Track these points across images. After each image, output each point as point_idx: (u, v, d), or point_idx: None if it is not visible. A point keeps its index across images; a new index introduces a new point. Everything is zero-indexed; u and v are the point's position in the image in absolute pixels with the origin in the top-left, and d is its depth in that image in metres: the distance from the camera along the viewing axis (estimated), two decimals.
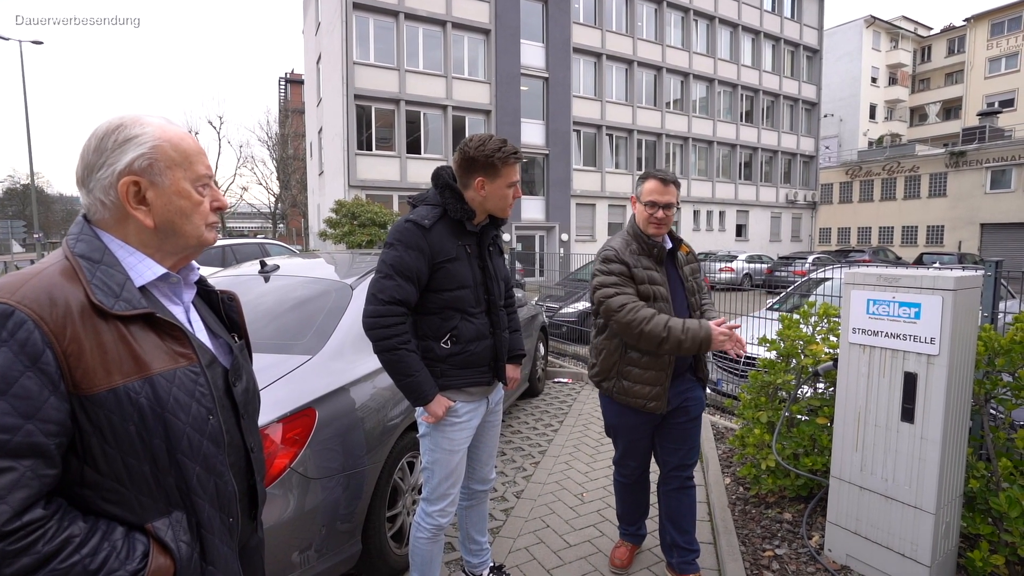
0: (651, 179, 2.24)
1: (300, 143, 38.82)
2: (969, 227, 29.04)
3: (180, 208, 0.96)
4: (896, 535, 2.32)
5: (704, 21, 27.37)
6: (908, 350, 2.26)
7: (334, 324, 2.58)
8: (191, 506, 0.94)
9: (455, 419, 2.03)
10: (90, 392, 0.83)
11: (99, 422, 0.84)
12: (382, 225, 13.94)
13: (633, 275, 2.22)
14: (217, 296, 1.15)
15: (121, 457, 0.86)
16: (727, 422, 4.53)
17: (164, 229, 0.96)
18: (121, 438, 0.86)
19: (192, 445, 0.93)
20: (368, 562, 2.39)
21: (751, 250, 26.56)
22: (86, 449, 0.84)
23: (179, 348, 0.94)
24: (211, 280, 3.34)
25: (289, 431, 2.02)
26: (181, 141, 0.97)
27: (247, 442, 1.09)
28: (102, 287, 0.87)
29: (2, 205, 47.95)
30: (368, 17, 19.05)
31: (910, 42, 42.49)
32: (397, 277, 1.88)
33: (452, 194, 1.97)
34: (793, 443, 3.00)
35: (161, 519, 0.90)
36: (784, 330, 3.18)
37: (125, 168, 0.91)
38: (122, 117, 0.95)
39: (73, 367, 0.82)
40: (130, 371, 0.86)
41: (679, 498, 2.44)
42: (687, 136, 26.99)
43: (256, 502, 1.14)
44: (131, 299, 0.90)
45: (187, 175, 0.97)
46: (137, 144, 0.92)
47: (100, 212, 0.93)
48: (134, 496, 0.88)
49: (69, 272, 0.87)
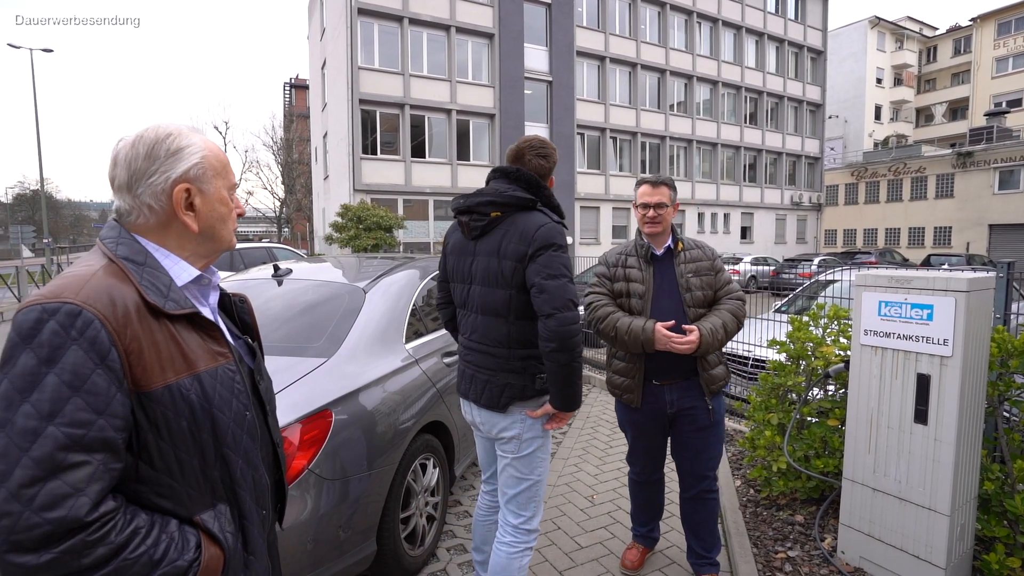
0: (642, 184, 2.36)
1: (305, 148, 39.00)
2: (977, 228, 28.86)
3: (220, 214, 1.03)
4: (910, 537, 2.31)
5: (708, 23, 27.36)
6: (921, 351, 2.26)
7: (348, 327, 2.60)
8: (235, 498, 0.98)
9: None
10: (148, 388, 0.86)
11: (155, 418, 0.87)
12: (387, 229, 13.99)
13: (612, 275, 2.41)
14: (230, 299, 1.18)
15: (174, 452, 0.90)
16: (737, 424, 4.52)
17: (206, 234, 1.01)
18: (175, 433, 0.89)
19: (235, 439, 0.98)
20: (382, 563, 2.40)
21: (756, 252, 26.47)
22: (142, 445, 0.87)
23: (217, 347, 0.99)
24: (224, 284, 3.39)
25: (307, 433, 2.05)
26: (220, 152, 1.04)
27: (274, 437, 1.13)
28: (151, 288, 0.91)
29: (12, 211, 48.37)
30: (372, 22, 19.15)
31: (915, 42, 42.34)
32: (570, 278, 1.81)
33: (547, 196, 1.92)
34: (804, 445, 3.00)
35: (207, 511, 0.94)
36: (794, 332, 3.18)
37: (181, 176, 0.96)
38: (167, 127, 0.99)
39: (133, 364, 0.85)
40: (181, 368, 0.91)
41: (694, 507, 2.46)
42: (691, 139, 26.96)
43: (283, 496, 1.19)
44: (179, 299, 0.94)
45: (225, 183, 1.04)
46: (190, 154, 0.97)
47: (144, 217, 0.96)
48: (184, 490, 0.92)
49: (119, 274, 0.90)
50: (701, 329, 2.19)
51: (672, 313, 2.27)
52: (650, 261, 2.35)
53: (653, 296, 2.31)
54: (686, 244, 2.39)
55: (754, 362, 4.80)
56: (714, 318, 2.25)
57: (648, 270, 2.34)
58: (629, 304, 2.33)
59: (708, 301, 2.33)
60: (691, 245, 2.40)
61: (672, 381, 2.33)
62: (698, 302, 2.30)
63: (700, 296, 2.31)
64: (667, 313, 2.27)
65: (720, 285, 2.36)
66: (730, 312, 2.28)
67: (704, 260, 2.37)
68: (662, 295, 2.31)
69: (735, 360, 5.03)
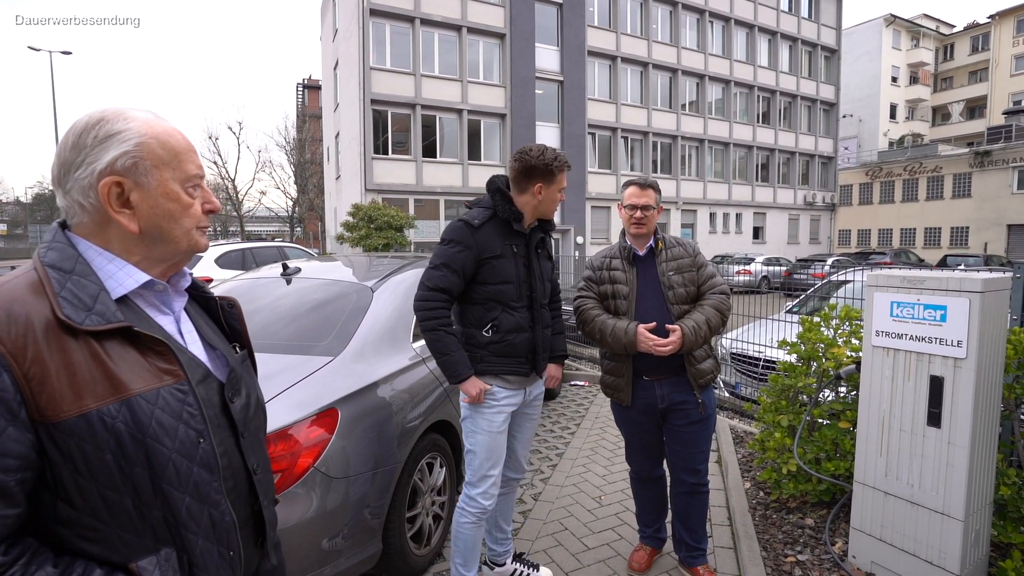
0: (630, 186, 2.39)
1: (317, 148, 39.31)
2: (995, 228, 28.36)
3: (168, 211, 0.87)
4: (923, 542, 2.27)
5: (720, 22, 27.17)
6: (934, 353, 2.22)
7: (355, 326, 2.61)
8: (182, 542, 0.84)
9: (493, 402, 2.19)
10: (57, 419, 0.73)
11: (70, 452, 0.74)
12: (398, 228, 14.04)
13: (597, 278, 2.45)
14: (216, 303, 1.05)
15: (98, 490, 0.76)
16: (746, 426, 4.48)
17: (150, 234, 0.87)
18: (96, 469, 0.76)
19: (180, 473, 0.82)
20: (388, 562, 2.41)
21: (769, 253, 26.19)
22: (57, 482, 0.75)
23: (163, 364, 0.84)
24: (231, 283, 3.41)
25: (313, 431, 2.06)
26: (169, 138, 0.87)
27: (248, 463, 0.97)
28: (72, 300, 0.78)
29: (32, 210, 49.26)
30: (384, 23, 19.25)
31: (932, 40, 41.71)
32: (444, 268, 2.10)
33: (502, 198, 2.18)
34: (815, 447, 2.96)
35: (147, 557, 0.80)
36: (805, 333, 3.14)
37: (107, 167, 0.82)
38: (103, 110, 0.85)
39: (36, 392, 0.73)
40: (104, 393, 0.77)
41: (687, 502, 2.50)
42: (703, 138, 26.78)
43: (263, 528, 1.02)
44: (105, 312, 0.80)
45: (176, 175, 0.88)
46: (120, 141, 0.83)
47: (79, 216, 0.84)
48: (115, 533, 0.78)
49: (35, 285, 0.78)
50: (683, 328, 2.23)
51: (656, 312, 2.32)
52: (633, 262, 2.40)
53: (637, 296, 2.36)
54: (667, 243, 2.43)
55: (764, 363, 4.75)
56: (697, 315, 2.29)
57: (631, 271, 2.40)
58: (615, 305, 2.38)
59: (691, 297, 2.37)
60: (672, 243, 2.44)
61: (662, 376, 2.37)
62: (681, 299, 2.34)
63: (683, 293, 2.35)
64: (651, 312, 2.31)
65: (703, 280, 2.39)
66: (712, 307, 2.32)
67: (685, 257, 2.40)
68: (646, 295, 2.36)
69: (745, 361, 4.99)
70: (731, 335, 5.36)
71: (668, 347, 2.21)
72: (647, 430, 2.48)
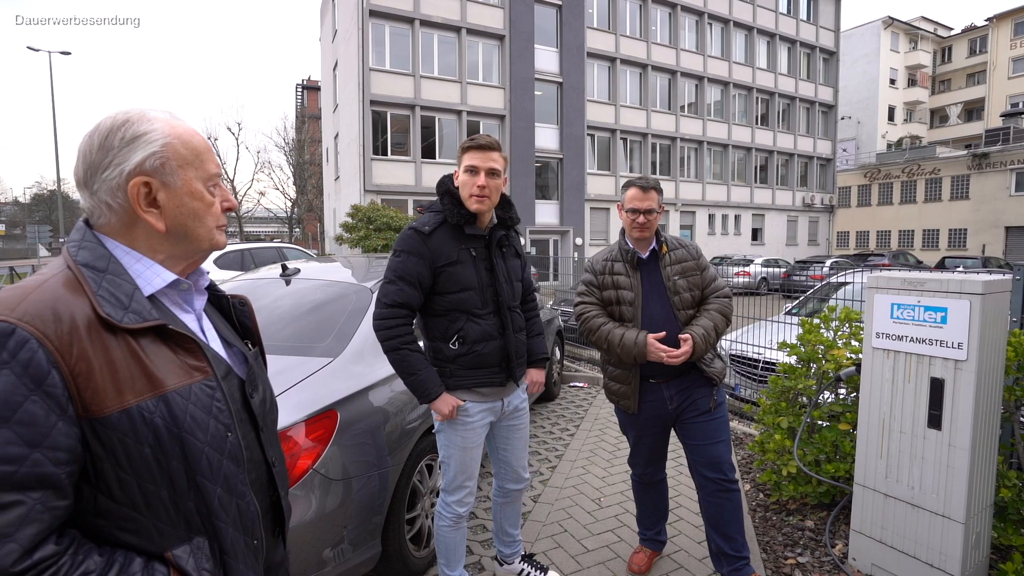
0: (632, 187, 2.29)
1: (316, 148, 39.29)
2: (993, 230, 28.43)
3: (193, 210, 0.90)
4: (924, 544, 2.27)
5: (719, 24, 27.21)
6: (934, 355, 2.22)
7: (354, 327, 2.60)
8: (213, 531, 0.87)
9: (466, 418, 2.08)
10: (101, 414, 0.76)
11: (112, 446, 0.77)
12: (397, 229, 14.04)
13: (600, 283, 2.36)
14: (228, 302, 1.08)
15: (137, 483, 0.80)
16: (746, 428, 4.48)
17: (176, 233, 0.89)
18: (136, 462, 0.79)
19: (212, 465, 0.86)
20: (387, 564, 2.40)
21: (767, 254, 26.27)
22: (99, 476, 0.78)
23: (193, 361, 0.87)
24: (230, 284, 3.41)
25: (312, 432, 2.05)
26: (192, 138, 0.90)
27: (268, 456, 1.02)
28: (109, 299, 0.80)
29: (30, 210, 49.20)
30: (384, 24, 19.26)
31: (930, 43, 41.80)
32: (399, 282, 1.97)
33: (451, 200, 2.05)
34: (815, 449, 2.96)
35: (181, 546, 0.84)
36: (805, 335, 3.14)
37: (135, 168, 0.84)
38: (127, 112, 0.87)
39: (82, 388, 0.75)
40: (143, 389, 0.80)
41: (719, 503, 2.30)
42: (702, 140, 26.81)
43: (281, 518, 1.07)
44: (141, 311, 0.82)
45: (199, 174, 0.90)
46: (147, 142, 0.85)
47: (105, 216, 0.86)
48: (152, 523, 0.82)
49: (73, 283, 0.80)
50: (694, 336, 2.17)
51: (663, 318, 2.26)
52: (636, 266, 2.33)
53: (643, 302, 2.29)
54: (670, 245, 2.37)
55: (764, 365, 4.75)
56: (705, 320, 2.25)
57: (635, 275, 2.31)
58: (619, 312, 2.31)
59: (696, 301, 2.33)
60: (675, 245, 2.38)
61: (668, 379, 2.32)
62: (687, 304, 2.30)
63: (688, 298, 2.30)
64: (658, 318, 2.26)
65: (706, 283, 2.35)
66: (718, 312, 2.29)
67: (689, 260, 2.35)
68: (651, 300, 2.29)
69: (745, 362, 4.99)
70: (730, 337, 5.35)
71: (680, 357, 2.15)
72: (655, 434, 2.44)
